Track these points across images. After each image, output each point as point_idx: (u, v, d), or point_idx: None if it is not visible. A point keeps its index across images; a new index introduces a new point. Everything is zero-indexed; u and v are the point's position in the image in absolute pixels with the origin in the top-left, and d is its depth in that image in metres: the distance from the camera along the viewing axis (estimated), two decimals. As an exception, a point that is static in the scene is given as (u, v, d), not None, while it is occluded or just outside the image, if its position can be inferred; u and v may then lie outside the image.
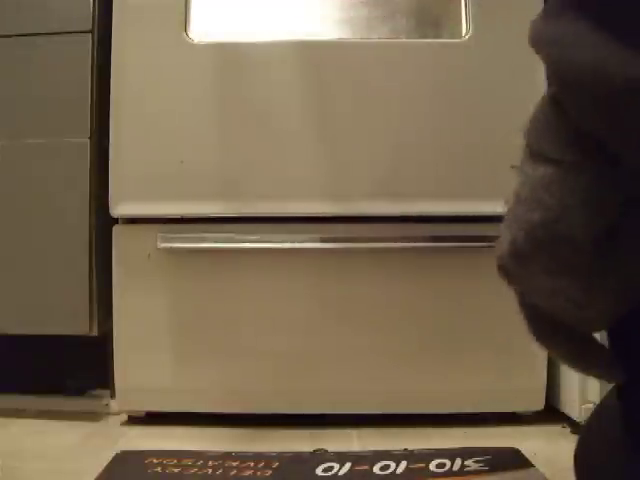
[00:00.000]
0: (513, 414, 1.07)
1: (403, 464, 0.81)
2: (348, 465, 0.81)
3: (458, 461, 0.81)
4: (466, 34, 1.06)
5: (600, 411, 0.56)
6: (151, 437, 1.02)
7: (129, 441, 1.00)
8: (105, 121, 1.07)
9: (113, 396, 1.12)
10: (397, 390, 1.06)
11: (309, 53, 1.06)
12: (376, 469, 0.80)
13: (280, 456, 0.86)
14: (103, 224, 1.08)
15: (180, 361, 1.06)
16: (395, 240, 1.04)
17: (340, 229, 1.05)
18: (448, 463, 0.81)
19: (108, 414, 1.12)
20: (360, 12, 1.10)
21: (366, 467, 0.81)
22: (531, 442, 0.94)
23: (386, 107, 1.05)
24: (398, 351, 1.06)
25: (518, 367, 1.05)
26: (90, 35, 1.08)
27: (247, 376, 1.06)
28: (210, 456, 0.85)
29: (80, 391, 1.19)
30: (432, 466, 0.80)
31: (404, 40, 1.08)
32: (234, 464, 0.82)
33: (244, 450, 0.89)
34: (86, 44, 1.08)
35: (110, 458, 0.86)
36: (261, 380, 1.06)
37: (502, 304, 1.05)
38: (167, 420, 1.06)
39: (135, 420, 1.08)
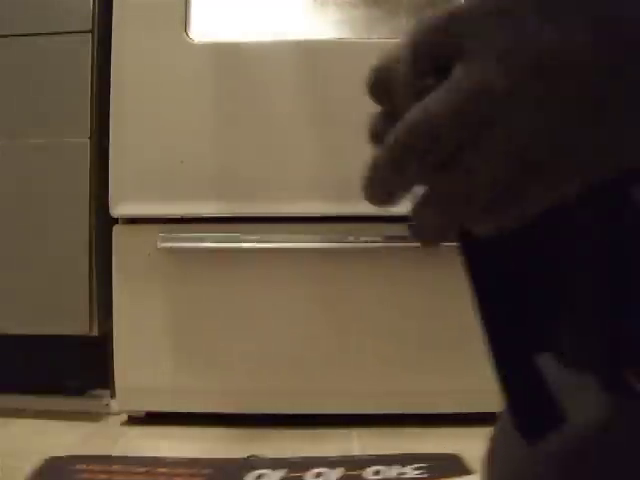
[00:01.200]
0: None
1: (339, 470, 0.80)
2: (282, 471, 0.79)
3: (396, 468, 0.80)
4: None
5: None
6: (151, 437, 1.02)
7: (129, 441, 1.00)
8: (105, 121, 1.07)
9: (113, 396, 1.12)
10: (398, 390, 1.06)
11: (309, 53, 1.06)
12: (310, 476, 0.79)
13: (213, 462, 0.84)
14: (103, 224, 1.08)
15: (180, 361, 1.06)
16: (395, 240, 1.04)
17: (340, 229, 1.05)
18: (385, 470, 0.80)
19: (108, 414, 1.12)
20: (360, 12, 1.10)
21: (299, 474, 0.80)
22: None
23: (386, 107, 1.05)
24: (398, 351, 1.06)
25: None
26: (90, 35, 1.08)
27: (247, 376, 1.06)
28: (140, 462, 0.84)
29: (80, 391, 1.19)
30: (368, 473, 0.79)
31: (404, 40, 1.08)
32: (164, 470, 0.81)
33: (179, 456, 0.86)
34: (86, 44, 1.08)
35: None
36: (261, 380, 1.06)
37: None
38: (167, 420, 1.06)
39: (135, 420, 1.08)
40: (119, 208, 1.06)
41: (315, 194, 1.04)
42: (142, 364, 1.07)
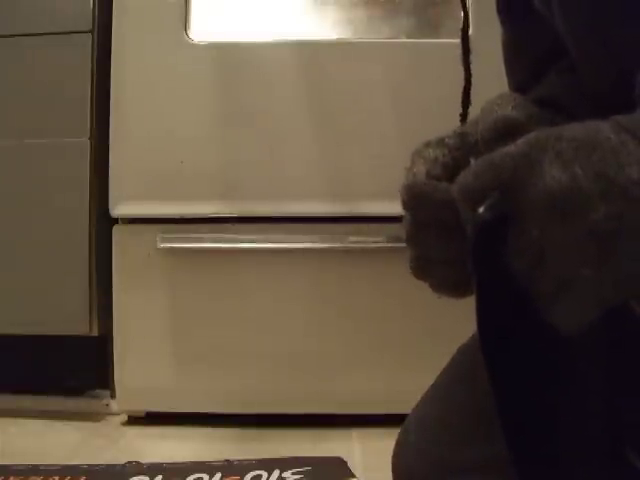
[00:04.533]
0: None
1: (217, 476, 0.78)
2: (158, 478, 0.78)
3: (275, 473, 0.78)
4: (466, 34, 1.06)
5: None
6: (151, 437, 1.03)
7: (129, 441, 1.00)
8: (105, 121, 1.07)
9: (113, 396, 1.12)
10: (399, 390, 1.06)
11: (309, 53, 1.06)
12: None
13: (90, 469, 0.82)
14: (103, 224, 1.08)
15: (180, 361, 1.06)
16: (395, 240, 1.04)
17: (340, 229, 1.05)
18: (264, 475, 0.78)
19: (108, 414, 1.12)
20: (360, 12, 1.10)
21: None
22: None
23: (386, 107, 1.05)
24: (399, 350, 1.06)
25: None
26: (90, 35, 1.08)
27: (247, 376, 1.06)
28: (14, 471, 0.81)
29: (80, 391, 1.19)
30: (247, 478, 0.77)
31: (404, 40, 1.08)
32: (38, 479, 0.79)
33: (54, 463, 0.84)
34: (86, 44, 1.08)
35: (110, 458, 0.86)
36: (261, 380, 1.06)
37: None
38: (167, 420, 1.06)
39: (135, 420, 1.08)
40: (119, 208, 1.06)
41: (315, 194, 1.04)
42: (142, 364, 1.07)
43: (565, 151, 0.34)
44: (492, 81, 1.12)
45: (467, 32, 0.54)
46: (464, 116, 0.53)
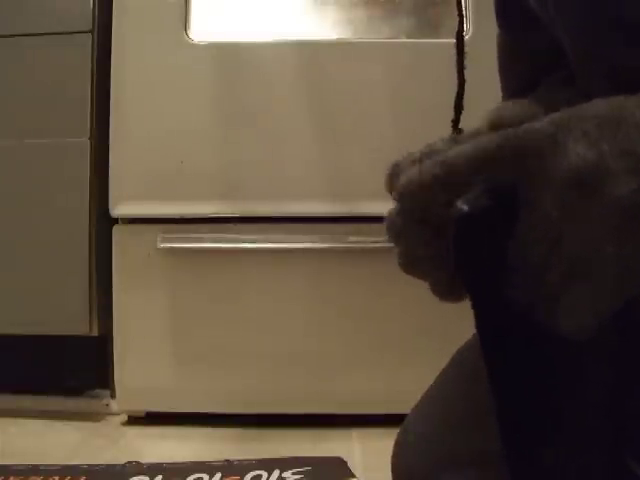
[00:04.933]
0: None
1: (217, 476, 0.78)
2: (159, 478, 0.77)
3: (275, 473, 0.78)
4: (466, 34, 1.06)
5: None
6: (151, 437, 1.02)
7: (129, 441, 1.00)
8: (105, 121, 1.07)
9: (113, 396, 1.12)
10: (399, 390, 1.06)
11: (309, 53, 1.06)
12: None
13: (90, 469, 0.82)
14: (103, 224, 1.08)
15: (180, 361, 1.06)
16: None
17: (340, 229, 1.05)
18: (264, 475, 0.78)
19: (108, 414, 1.12)
20: (360, 12, 1.10)
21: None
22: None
23: (385, 106, 1.05)
24: (399, 350, 1.06)
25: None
26: (90, 35, 1.08)
27: (247, 376, 1.06)
28: (14, 471, 0.81)
29: (80, 391, 1.19)
30: (247, 478, 0.77)
31: (404, 40, 1.08)
32: (38, 479, 0.79)
33: (54, 463, 0.84)
34: (86, 44, 1.08)
35: (110, 458, 0.86)
36: (261, 380, 1.06)
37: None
38: (167, 420, 1.06)
39: (135, 420, 1.08)
40: (119, 208, 1.06)
41: (315, 194, 1.04)
42: (142, 364, 1.07)
43: (591, 129, 0.34)
44: (491, 84, 1.12)
45: (462, 35, 0.54)
46: (456, 122, 0.52)
